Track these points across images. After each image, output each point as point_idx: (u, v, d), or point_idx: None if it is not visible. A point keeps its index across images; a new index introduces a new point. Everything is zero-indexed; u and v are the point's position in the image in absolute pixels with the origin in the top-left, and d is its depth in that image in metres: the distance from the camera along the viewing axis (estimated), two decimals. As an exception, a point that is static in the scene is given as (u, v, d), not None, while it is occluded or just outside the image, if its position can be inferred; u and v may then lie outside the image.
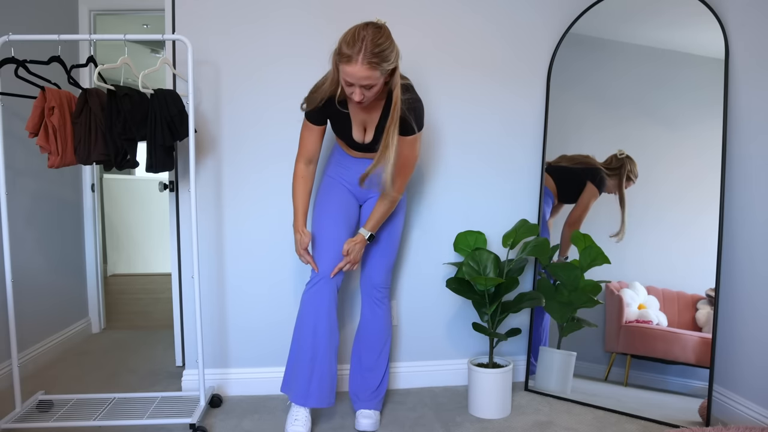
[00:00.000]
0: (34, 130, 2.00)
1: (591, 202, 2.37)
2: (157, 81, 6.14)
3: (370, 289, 2.22)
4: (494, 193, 2.58)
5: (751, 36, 2.08)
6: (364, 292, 2.23)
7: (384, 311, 2.23)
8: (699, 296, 2.16)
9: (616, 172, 2.30)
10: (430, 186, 2.54)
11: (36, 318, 2.89)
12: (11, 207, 2.67)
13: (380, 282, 2.21)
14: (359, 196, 2.18)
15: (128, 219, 5.83)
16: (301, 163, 2.08)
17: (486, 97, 2.54)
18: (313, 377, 2.01)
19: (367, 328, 2.23)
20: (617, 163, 2.31)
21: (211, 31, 2.38)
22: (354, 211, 2.18)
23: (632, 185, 2.27)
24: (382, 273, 2.20)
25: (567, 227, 2.44)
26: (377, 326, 2.22)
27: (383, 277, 2.21)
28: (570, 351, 2.41)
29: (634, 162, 2.28)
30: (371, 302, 2.22)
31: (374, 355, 2.22)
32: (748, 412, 2.06)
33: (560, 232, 2.46)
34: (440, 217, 2.55)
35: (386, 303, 2.24)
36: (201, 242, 2.44)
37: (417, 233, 2.54)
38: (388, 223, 2.17)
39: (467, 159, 2.55)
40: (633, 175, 2.27)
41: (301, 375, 2.02)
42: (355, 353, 2.28)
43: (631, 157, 2.28)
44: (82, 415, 2.12)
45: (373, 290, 2.21)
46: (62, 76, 2.90)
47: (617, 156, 2.30)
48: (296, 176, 2.09)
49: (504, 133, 2.56)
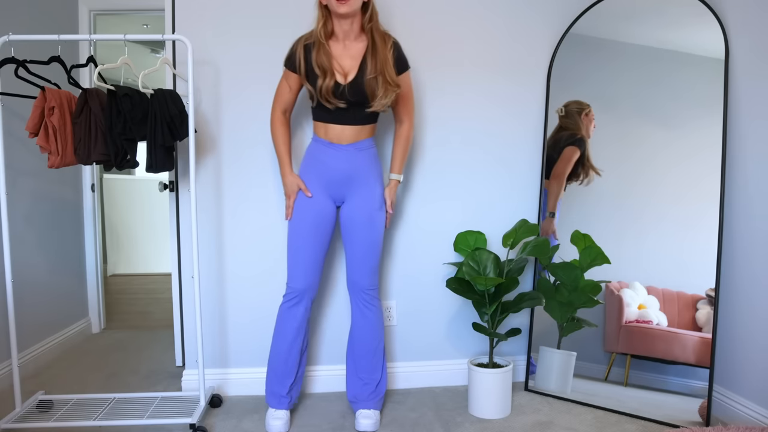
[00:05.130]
0: (34, 130, 2.00)
1: (573, 156, 2.45)
2: (157, 81, 6.13)
3: (357, 293, 2.19)
4: (494, 193, 2.58)
5: (751, 36, 2.08)
6: (353, 296, 2.21)
7: (374, 312, 2.20)
8: (699, 296, 2.16)
9: (572, 125, 2.44)
10: (430, 186, 2.54)
11: (36, 318, 2.89)
12: (11, 207, 2.67)
13: (367, 284, 2.18)
14: (336, 197, 2.15)
15: (128, 219, 5.82)
16: (278, 111, 2.16)
17: (485, 97, 2.53)
18: (285, 383, 2.19)
19: (359, 331, 2.20)
20: (565, 121, 2.46)
21: (211, 31, 2.38)
22: (329, 221, 2.14)
23: (594, 130, 2.40)
24: (367, 276, 2.17)
25: (553, 180, 2.46)
26: (369, 328, 2.19)
27: (369, 279, 2.18)
28: (570, 351, 2.41)
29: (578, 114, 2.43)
30: (360, 305, 2.19)
31: (369, 357, 2.20)
32: (748, 412, 2.06)
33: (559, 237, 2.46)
34: (440, 217, 2.55)
35: (376, 304, 2.21)
36: (201, 242, 2.44)
37: (417, 233, 2.54)
38: (368, 225, 2.14)
39: (467, 159, 2.55)
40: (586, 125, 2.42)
41: (277, 381, 2.18)
42: (349, 357, 2.25)
43: (570, 111, 2.45)
44: (82, 415, 2.12)
45: (360, 293, 2.18)
46: (62, 76, 2.90)
47: (559, 114, 2.47)
48: (275, 123, 2.16)
49: (504, 133, 2.56)
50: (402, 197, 2.52)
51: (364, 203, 2.13)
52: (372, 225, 2.15)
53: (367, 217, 2.13)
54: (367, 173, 2.14)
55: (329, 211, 2.14)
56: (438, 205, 2.54)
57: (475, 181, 2.56)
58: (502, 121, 2.55)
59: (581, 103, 2.46)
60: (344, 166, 2.10)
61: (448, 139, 2.53)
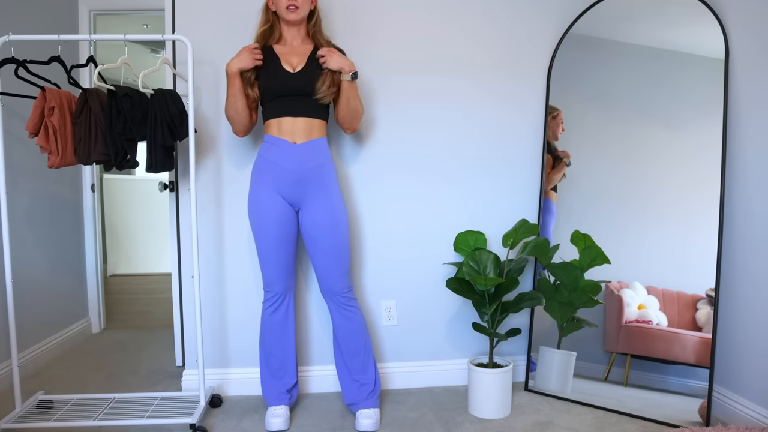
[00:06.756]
0: (34, 130, 2.00)
1: (549, 163, 2.52)
2: (157, 81, 6.14)
3: (332, 297, 2.16)
4: (494, 193, 2.58)
5: (751, 36, 2.08)
6: (329, 301, 2.17)
7: (354, 312, 2.17)
8: (699, 296, 2.16)
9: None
10: (430, 186, 2.54)
11: (36, 318, 2.89)
12: (11, 207, 2.67)
13: (340, 289, 2.15)
14: (292, 200, 2.11)
15: (128, 219, 5.83)
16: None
17: (485, 97, 2.53)
18: (281, 377, 2.22)
19: (345, 334, 2.17)
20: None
21: (211, 31, 2.38)
22: (290, 221, 2.12)
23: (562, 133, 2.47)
24: (339, 280, 2.14)
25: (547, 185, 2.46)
26: (352, 328, 2.17)
27: (342, 282, 2.14)
28: (570, 351, 2.41)
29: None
30: (340, 308, 2.16)
31: (360, 357, 2.19)
32: (748, 412, 2.06)
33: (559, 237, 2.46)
34: (440, 216, 2.55)
35: (354, 303, 2.18)
36: (201, 242, 2.44)
37: (416, 233, 2.54)
38: (332, 229, 2.10)
39: (467, 159, 2.55)
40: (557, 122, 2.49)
41: (272, 381, 2.22)
42: (338, 361, 2.24)
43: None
44: (82, 415, 2.12)
45: (336, 297, 2.15)
46: (62, 76, 2.91)
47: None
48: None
49: (504, 134, 2.56)
50: (402, 197, 2.52)
51: (323, 206, 2.09)
52: (336, 228, 2.11)
53: (330, 220, 2.09)
54: (323, 176, 2.10)
55: (287, 212, 2.11)
56: (438, 205, 2.54)
57: (475, 181, 2.56)
58: (503, 121, 2.55)
59: (551, 108, 2.52)
60: (296, 167, 2.06)
61: (447, 139, 2.53)
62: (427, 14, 2.48)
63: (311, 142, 2.09)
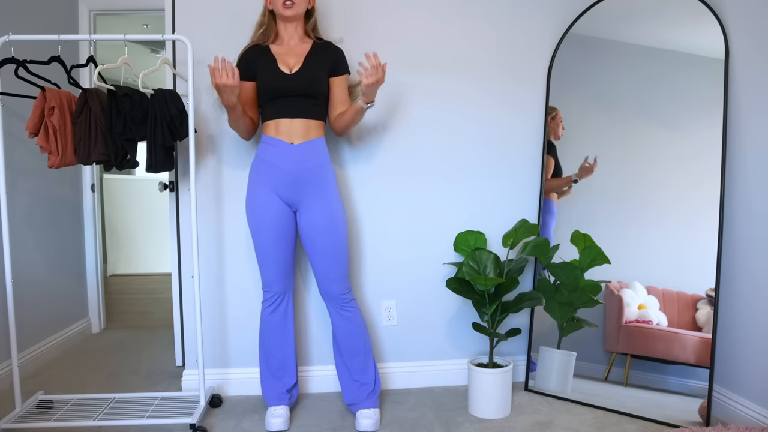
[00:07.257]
0: (34, 130, 2.00)
1: (550, 165, 2.52)
2: (157, 81, 6.14)
3: (331, 299, 2.16)
4: (494, 193, 2.58)
5: (751, 36, 2.08)
6: (328, 303, 2.17)
7: (353, 312, 2.17)
8: (699, 296, 2.16)
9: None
10: (430, 186, 2.54)
11: (36, 318, 2.89)
12: (11, 207, 2.67)
13: (339, 292, 2.14)
14: (290, 200, 2.10)
15: (128, 219, 5.83)
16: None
17: (485, 98, 2.53)
18: (280, 377, 2.23)
19: (344, 335, 2.17)
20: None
21: (211, 31, 2.38)
22: (288, 221, 2.12)
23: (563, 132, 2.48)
24: (338, 282, 2.13)
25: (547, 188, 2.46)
26: (351, 329, 2.16)
27: (340, 286, 2.14)
28: (570, 351, 2.41)
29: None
30: (339, 309, 2.16)
31: (360, 358, 2.19)
32: (748, 412, 2.06)
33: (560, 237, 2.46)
34: (440, 217, 2.55)
35: (353, 305, 2.18)
36: (201, 242, 2.44)
37: (416, 233, 2.54)
38: (330, 230, 2.09)
39: (466, 159, 2.55)
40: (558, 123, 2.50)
41: (272, 381, 2.22)
42: (338, 361, 2.24)
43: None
44: (82, 415, 2.12)
45: (334, 300, 2.15)
46: (62, 76, 2.91)
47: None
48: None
49: (504, 134, 2.56)
50: (402, 198, 2.52)
51: (321, 207, 2.09)
52: (334, 229, 2.10)
53: (327, 221, 2.08)
54: (320, 177, 2.10)
55: (284, 212, 2.11)
56: (438, 205, 2.54)
57: (475, 181, 2.56)
58: (503, 122, 2.55)
59: (550, 108, 2.52)
60: (293, 167, 2.06)
61: (447, 139, 2.53)
62: (426, 12, 2.48)
63: (309, 142, 2.09)
